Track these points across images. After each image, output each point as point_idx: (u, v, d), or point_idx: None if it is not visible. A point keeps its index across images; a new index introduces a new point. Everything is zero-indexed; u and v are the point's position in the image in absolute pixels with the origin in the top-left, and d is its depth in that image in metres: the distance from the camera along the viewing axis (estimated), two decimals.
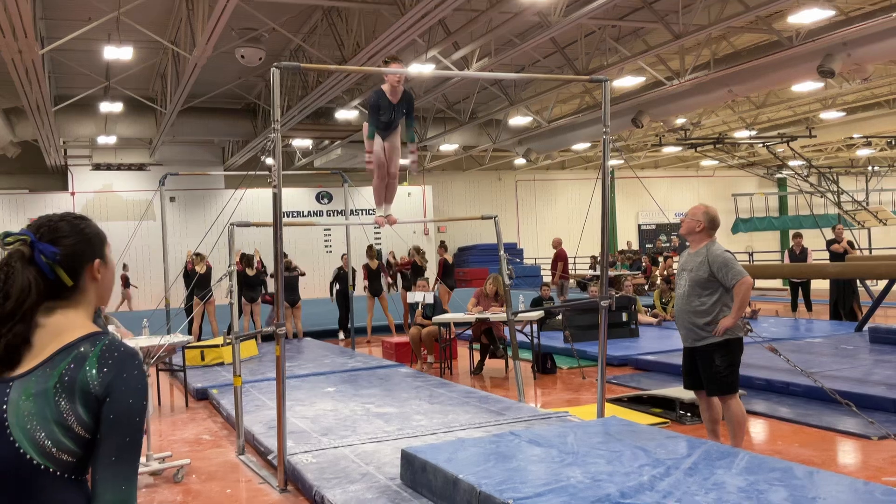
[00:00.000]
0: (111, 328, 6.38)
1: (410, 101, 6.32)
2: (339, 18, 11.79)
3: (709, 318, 5.07)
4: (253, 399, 7.60)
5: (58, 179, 21.47)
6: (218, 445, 6.63)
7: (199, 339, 11.78)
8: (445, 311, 10.70)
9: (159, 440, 6.75)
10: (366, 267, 13.62)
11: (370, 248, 13.86)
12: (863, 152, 26.40)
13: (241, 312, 12.25)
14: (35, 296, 1.50)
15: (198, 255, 12.26)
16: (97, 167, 20.98)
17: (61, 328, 1.52)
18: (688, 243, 5.40)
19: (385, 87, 6.17)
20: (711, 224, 5.27)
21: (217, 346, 10.22)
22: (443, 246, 15.93)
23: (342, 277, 13.13)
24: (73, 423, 1.43)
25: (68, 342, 1.49)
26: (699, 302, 5.10)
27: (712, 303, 5.08)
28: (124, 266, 19.18)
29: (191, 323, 12.05)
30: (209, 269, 12.35)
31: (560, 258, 16.28)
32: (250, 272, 12.73)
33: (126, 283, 19.54)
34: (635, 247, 27.53)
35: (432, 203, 24.30)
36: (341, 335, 13.68)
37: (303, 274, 13.51)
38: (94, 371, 1.45)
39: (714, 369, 5.09)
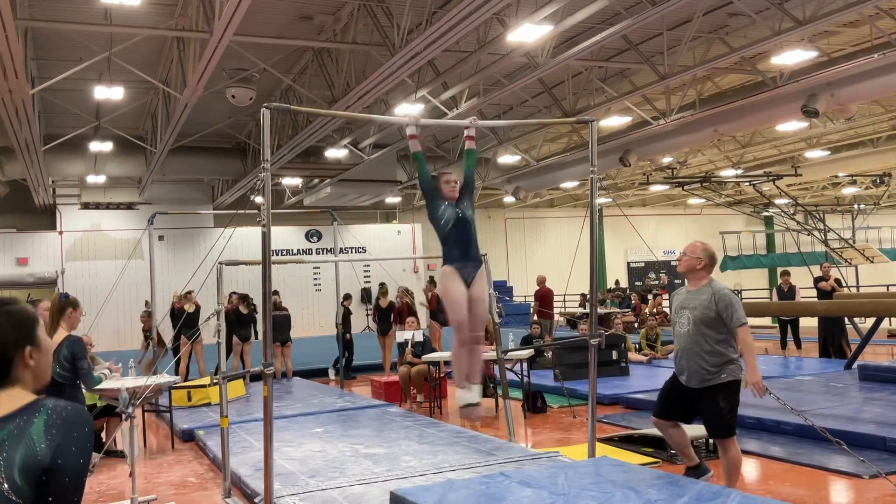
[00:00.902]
0: (97, 371, 6.31)
1: (468, 183, 4.94)
2: (330, 59, 11.91)
3: (717, 359, 4.92)
4: (240, 440, 7.51)
5: (46, 218, 21.39)
6: (204, 488, 6.53)
7: (185, 380, 11.66)
8: (435, 350, 10.64)
9: (144, 482, 6.64)
10: (376, 307, 13.55)
11: (382, 286, 13.80)
12: (848, 191, 26.68)
13: (230, 352, 12.17)
14: None
15: (187, 293, 12.19)
16: (86, 206, 20.90)
17: None
18: (677, 280, 5.34)
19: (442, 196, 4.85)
20: (711, 261, 5.18)
21: (204, 386, 10.12)
22: (431, 282, 15.90)
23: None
24: (11, 495, 1.40)
25: (4, 415, 1.46)
26: (707, 342, 4.93)
27: (720, 343, 4.95)
28: (146, 303, 18.83)
29: (178, 363, 11.94)
30: (197, 308, 12.28)
31: (541, 296, 16.14)
32: (244, 310, 12.66)
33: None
34: (623, 284, 27.59)
35: (421, 240, 24.34)
36: (331, 374, 13.57)
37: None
38: (40, 441, 1.43)
39: (718, 411, 4.94)
